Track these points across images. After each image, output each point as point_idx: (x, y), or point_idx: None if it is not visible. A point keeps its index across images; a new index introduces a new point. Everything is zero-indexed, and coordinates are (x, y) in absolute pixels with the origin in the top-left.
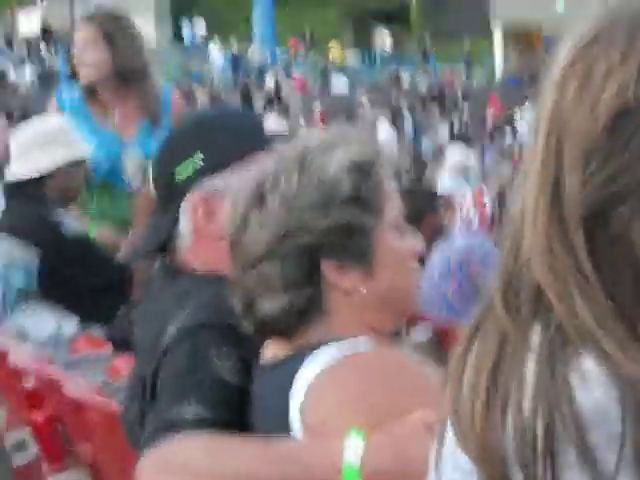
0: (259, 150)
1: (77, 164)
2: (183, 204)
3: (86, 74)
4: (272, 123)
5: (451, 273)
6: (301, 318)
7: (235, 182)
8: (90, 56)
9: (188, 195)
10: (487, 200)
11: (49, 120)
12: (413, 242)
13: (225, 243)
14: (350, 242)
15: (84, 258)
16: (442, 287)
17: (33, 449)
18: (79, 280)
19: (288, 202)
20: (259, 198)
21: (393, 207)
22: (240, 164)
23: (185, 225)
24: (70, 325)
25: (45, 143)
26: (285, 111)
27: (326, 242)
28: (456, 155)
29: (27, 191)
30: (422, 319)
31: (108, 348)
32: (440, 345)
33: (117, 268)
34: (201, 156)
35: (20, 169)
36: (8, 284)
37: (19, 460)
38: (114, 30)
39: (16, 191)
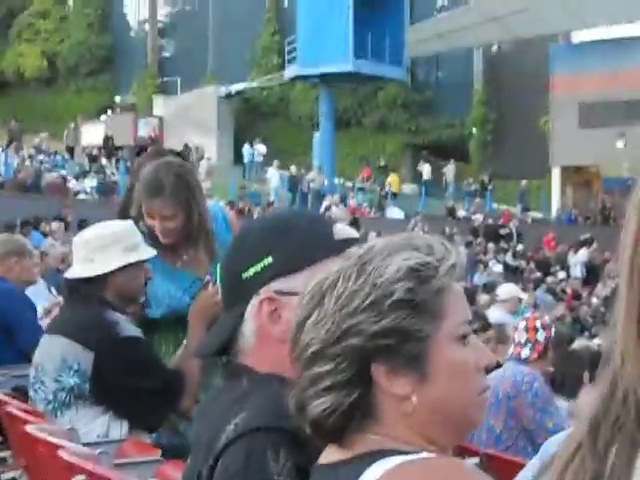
0: (329, 254)
1: (137, 266)
2: (249, 305)
3: (162, 239)
4: None
5: (499, 405)
6: (349, 422)
7: (303, 285)
8: (163, 227)
9: (254, 296)
10: (540, 331)
11: (110, 223)
12: (478, 354)
13: (288, 345)
14: (402, 347)
15: (137, 362)
16: (489, 418)
17: None
18: (130, 384)
19: (342, 303)
20: (319, 299)
21: (457, 315)
22: (309, 268)
23: (249, 325)
24: (119, 428)
25: (105, 245)
26: None
27: (377, 345)
28: (508, 292)
29: (85, 291)
30: (469, 451)
31: (156, 453)
32: (487, 471)
33: (169, 374)
34: (270, 259)
35: (80, 269)
36: (60, 383)
37: None
38: (184, 197)
39: (75, 291)
